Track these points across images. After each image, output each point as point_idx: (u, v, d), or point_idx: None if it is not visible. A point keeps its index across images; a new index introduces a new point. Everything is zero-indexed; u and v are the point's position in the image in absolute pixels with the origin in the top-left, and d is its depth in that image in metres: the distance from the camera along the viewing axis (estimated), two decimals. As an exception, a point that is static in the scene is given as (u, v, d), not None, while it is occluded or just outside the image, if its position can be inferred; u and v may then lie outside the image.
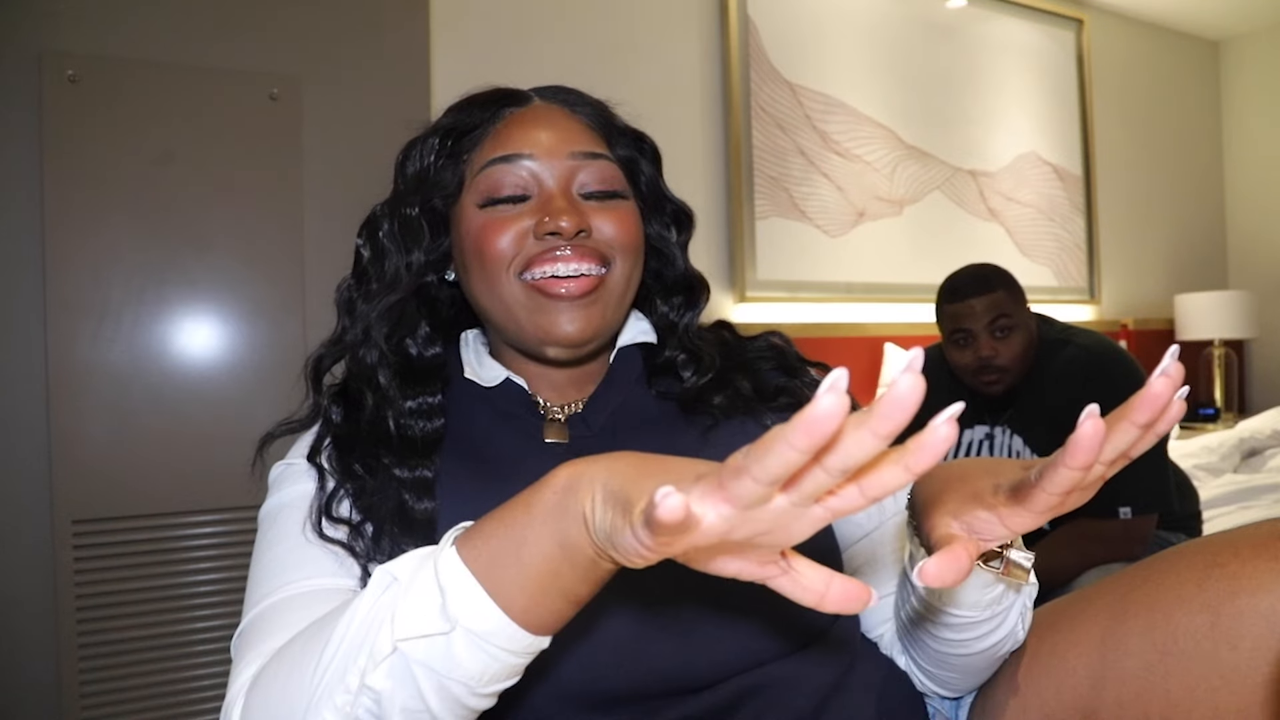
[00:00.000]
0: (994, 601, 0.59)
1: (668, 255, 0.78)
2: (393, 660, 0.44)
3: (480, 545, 0.44)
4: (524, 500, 0.45)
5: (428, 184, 0.70)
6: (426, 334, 0.72)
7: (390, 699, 0.44)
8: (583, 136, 0.71)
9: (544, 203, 0.67)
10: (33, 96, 1.40)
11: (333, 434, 0.67)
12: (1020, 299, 1.57)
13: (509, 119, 0.71)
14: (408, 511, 0.62)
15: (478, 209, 0.68)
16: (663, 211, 0.78)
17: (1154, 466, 1.48)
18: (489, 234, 0.67)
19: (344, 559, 0.61)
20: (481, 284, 0.68)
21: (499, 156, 0.68)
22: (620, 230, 0.69)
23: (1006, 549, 0.56)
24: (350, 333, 0.70)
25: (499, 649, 0.43)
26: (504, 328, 0.69)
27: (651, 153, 0.77)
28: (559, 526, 0.42)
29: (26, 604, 1.40)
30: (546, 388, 0.73)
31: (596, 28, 2.34)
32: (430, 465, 0.65)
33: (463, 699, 0.45)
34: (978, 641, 0.63)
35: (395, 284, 0.69)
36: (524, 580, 0.43)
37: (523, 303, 0.66)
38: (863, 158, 2.79)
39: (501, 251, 0.66)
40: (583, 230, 0.66)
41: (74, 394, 1.41)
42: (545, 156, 0.68)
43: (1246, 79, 3.91)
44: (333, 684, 0.45)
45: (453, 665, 0.43)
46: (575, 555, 0.42)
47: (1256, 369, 3.83)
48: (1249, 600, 0.56)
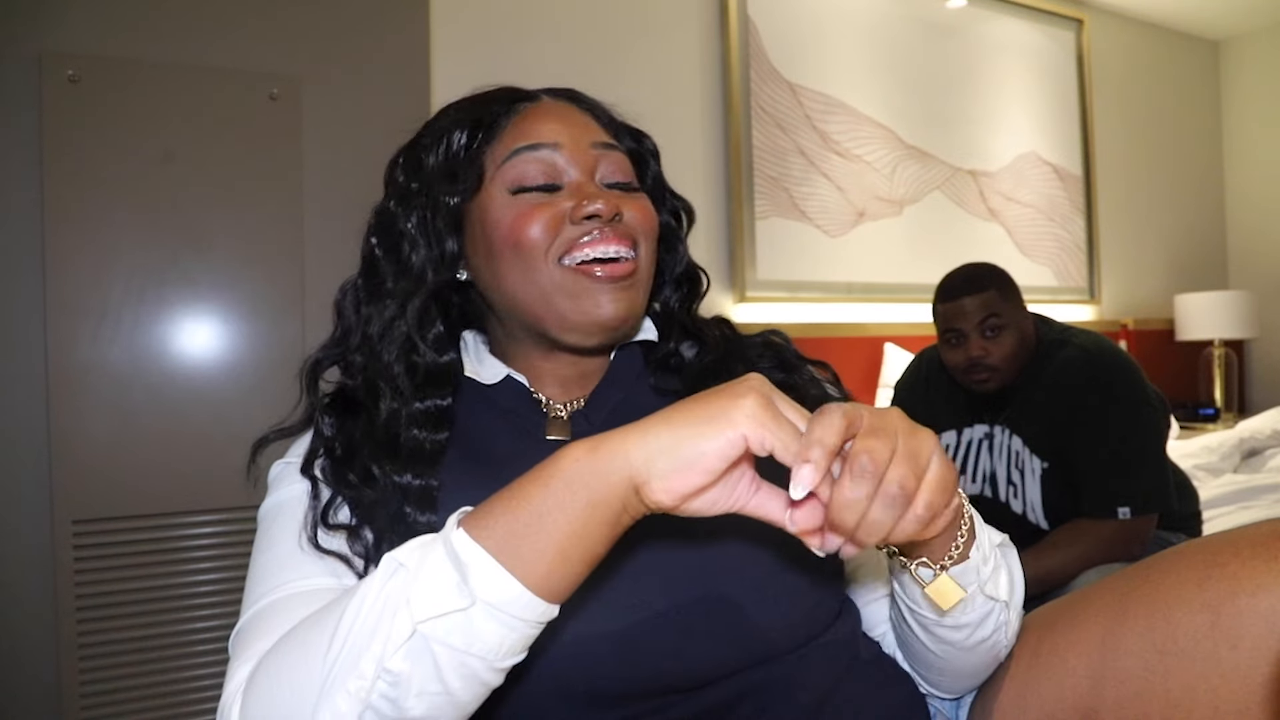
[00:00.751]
0: (958, 611, 0.60)
1: (674, 247, 0.79)
2: (412, 643, 0.45)
3: (490, 525, 0.47)
4: (537, 478, 0.48)
5: (457, 175, 0.69)
6: (439, 334, 0.71)
7: (408, 681, 0.45)
8: (596, 129, 0.72)
9: (576, 189, 0.68)
10: (33, 96, 1.40)
11: (325, 445, 0.66)
12: (1013, 298, 1.57)
13: (524, 112, 0.71)
14: (408, 519, 0.62)
15: (509, 195, 0.68)
16: (666, 205, 0.79)
17: (1154, 466, 1.48)
18: (524, 221, 0.66)
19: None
20: (516, 273, 0.67)
21: (525, 145, 0.68)
22: (643, 217, 0.70)
23: (944, 569, 0.57)
24: (358, 334, 0.69)
25: (516, 619, 0.46)
26: (541, 317, 0.68)
27: (653, 150, 0.79)
28: (588, 486, 0.46)
29: (26, 604, 1.40)
30: (551, 384, 0.73)
31: (596, 28, 2.34)
32: (434, 474, 0.64)
33: (480, 674, 0.46)
34: (953, 644, 0.63)
35: (422, 279, 0.68)
36: (545, 547, 0.46)
37: (565, 287, 0.66)
38: (863, 158, 2.79)
39: (538, 238, 0.66)
40: (617, 215, 0.67)
41: (74, 394, 1.41)
42: (569, 146, 0.69)
43: (1246, 79, 3.91)
44: (345, 670, 0.45)
45: (473, 640, 0.45)
46: (604, 511, 0.47)
47: (1256, 369, 3.83)
48: (1249, 600, 0.56)
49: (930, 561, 0.57)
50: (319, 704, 0.46)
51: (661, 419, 0.47)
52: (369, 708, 0.45)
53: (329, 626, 0.48)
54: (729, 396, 0.46)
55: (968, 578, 0.58)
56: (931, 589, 0.57)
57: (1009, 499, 1.59)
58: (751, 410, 0.46)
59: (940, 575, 0.57)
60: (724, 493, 0.49)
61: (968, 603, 0.59)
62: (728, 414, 0.46)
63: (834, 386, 0.78)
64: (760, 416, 0.46)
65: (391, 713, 0.46)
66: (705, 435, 0.46)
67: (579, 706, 0.59)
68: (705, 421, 0.46)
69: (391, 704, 0.45)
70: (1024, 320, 1.58)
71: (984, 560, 0.59)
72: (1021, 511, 1.57)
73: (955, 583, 0.57)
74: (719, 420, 0.46)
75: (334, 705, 0.45)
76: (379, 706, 0.45)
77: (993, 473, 1.62)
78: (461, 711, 0.48)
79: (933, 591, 0.57)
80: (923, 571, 0.58)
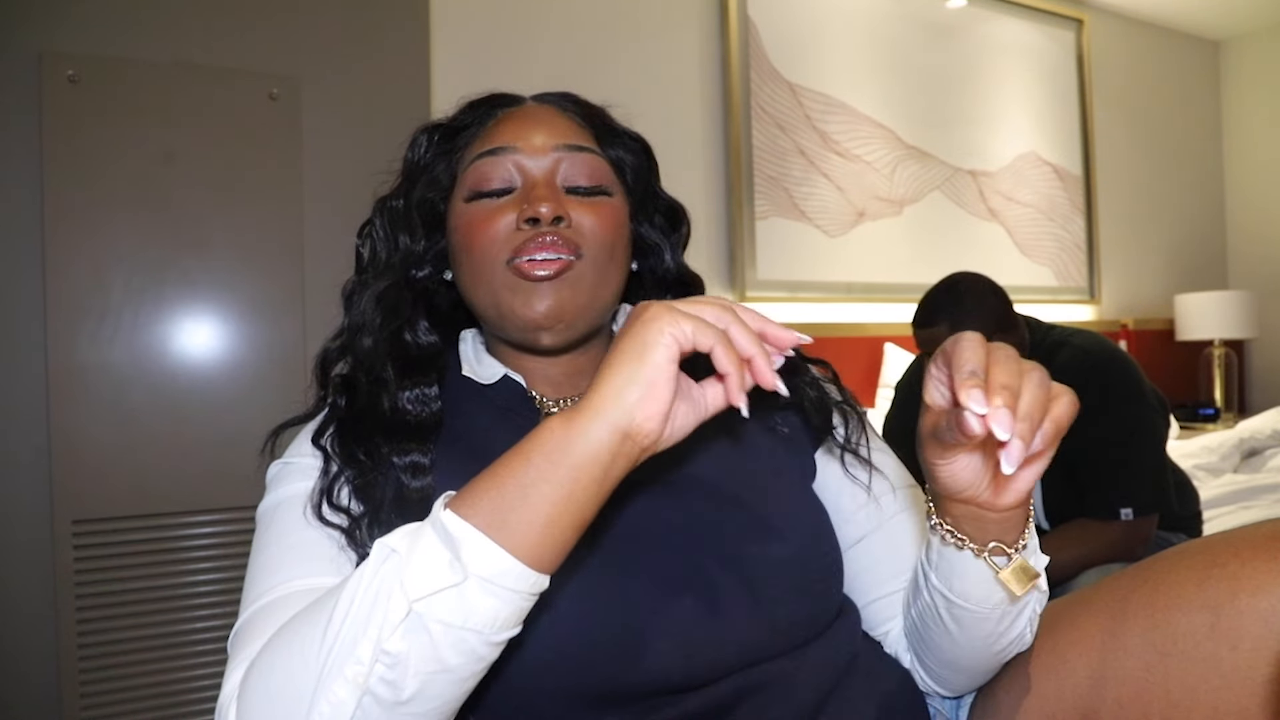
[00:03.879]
0: (1003, 600, 0.60)
1: (659, 253, 0.79)
2: (408, 622, 0.45)
3: (476, 502, 0.48)
4: (519, 453, 0.49)
5: (418, 178, 0.73)
6: (424, 328, 0.73)
7: (406, 661, 0.45)
8: (569, 131, 0.72)
9: (525, 192, 0.68)
10: (33, 96, 1.40)
11: (337, 419, 0.68)
12: (975, 315, 1.51)
13: (500, 118, 0.73)
14: (405, 496, 0.63)
15: (465, 203, 0.70)
16: (654, 209, 0.79)
17: (1155, 467, 1.48)
18: (476, 227, 0.68)
19: (341, 553, 0.61)
20: (471, 276, 0.70)
21: (485, 150, 0.70)
22: (598, 224, 0.69)
23: (1019, 551, 0.57)
24: (349, 323, 0.72)
25: (509, 590, 0.47)
26: (493, 318, 0.70)
27: (645, 154, 0.78)
28: (567, 453, 0.48)
29: (26, 604, 1.40)
30: (542, 382, 0.74)
31: (596, 28, 2.34)
32: (426, 451, 0.66)
33: (477, 649, 0.47)
34: (985, 640, 0.63)
35: (387, 271, 0.72)
36: (533, 518, 0.47)
37: (507, 286, 0.67)
38: (863, 158, 2.79)
39: (487, 246, 0.68)
40: (560, 218, 0.67)
41: (74, 394, 1.41)
42: (530, 150, 0.69)
43: (1246, 79, 3.91)
44: (342, 657, 0.46)
45: (468, 614, 0.46)
46: (590, 472, 0.48)
47: (1256, 369, 3.83)
48: (1249, 600, 0.56)
49: (1006, 546, 0.57)
50: (316, 695, 0.46)
51: (606, 369, 0.50)
52: (368, 692, 0.45)
53: (323, 618, 0.48)
54: (639, 321, 0.50)
55: (1040, 560, 0.59)
56: (1008, 574, 0.56)
57: (1009, 499, 1.58)
58: (662, 316, 0.49)
59: (1015, 559, 0.57)
60: (689, 406, 0.52)
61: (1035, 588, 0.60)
62: (647, 329, 0.49)
63: (834, 386, 0.78)
64: (670, 316, 0.49)
65: (390, 695, 0.46)
66: (646, 355, 0.48)
67: (578, 707, 0.59)
68: (639, 346, 0.49)
69: (390, 686, 0.46)
70: (1010, 329, 1.55)
71: (1035, 549, 0.60)
72: (1022, 511, 1.56)
73: (1029, 565, 0.57)
74: (646, 337, 0.49)
75: (332, 694, 0.45)
76: (377, 690, 0.46)
77: (993, 473, 1.61)
78: (459, 688, 0.48)
79: (1010, 576, 0.56)
80: (996, 559, 0.57)
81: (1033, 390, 0.47)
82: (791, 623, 0.64)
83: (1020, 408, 0.46)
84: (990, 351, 0.49)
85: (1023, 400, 0.47)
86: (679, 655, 0.60)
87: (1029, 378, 0.48)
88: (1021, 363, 0.49)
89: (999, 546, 0.57)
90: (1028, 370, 0.49)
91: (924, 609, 0.65)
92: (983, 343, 0.50)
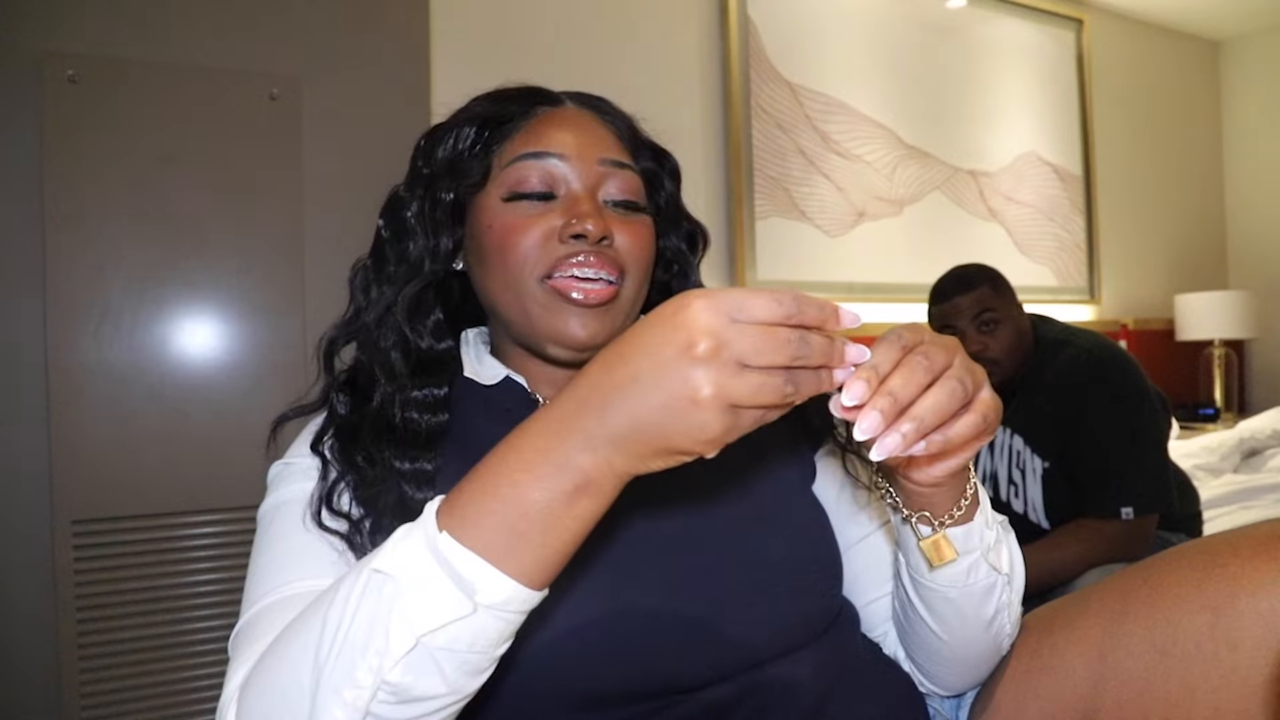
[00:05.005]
0: (958, 575, 0.61)
1: (682, 269, 0.79)
2: (414, 655, 0.45)
3: (474, 527, 0.45)
4: (511, 475, 0.46)
5: (460, 171, 0.70)
6: (437, 323, 0.72)
7: (411, 689, 0.45)
8: (611, 144, 0.71)
9: (570, 204, 0.67)
10: (33, 96, 1.40)
11: (337, 424, 0.67)
12: (1005, 294, 1.59)
13: (541, 117, 0.71)
14: (408, 503, 0.62)
15: (502, 202, 0.68)
16: (679, 228, 0.79)
17: (1156, 466, 1.48)
18: (514, 233, 0.66)
19: (341, 556, 0.61)
20: (499, 280, 0.68)
21: (530, 152, 0.68)
22: (636, 245, 0.69)
23: (941, 527, 0.59)
24: (366, 315, 0.70)
25: (515, 613, 0.47)
26: (514, 323, 0.69)
27: (672, 171, 0.78)
28: (564, 470, 0.45)
29: (26, 604, 1.40)
30: (547, 386, 0.73)
31: (597, 28, 2.34)
32: (431, 458, 0.65)
33: (481, 666, 0.47)
34: (958, 624, 0.63)
35: (419, 269, 0.69)
36: (538, 545, 0.45)
37: (541, 302, 0.66)
38: (863, 158, 2.79)
39: (525, 254, 0.66)
40: (605, 238, 0.66)
41: (74, 394, 1.41)
42: (575, 159, 0.68)
43: (1246, 79, 3.91)
44: (338, 681, 0.45)
45: (475, 640, 0.45)
46: (592, 492, 0.45)
47: (1256, 369, 3.83)
48: (1249, 600, 0.56)
49: (932, 518, 0.59)
50: (312, 716, 0.45)
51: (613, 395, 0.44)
52: (369, 715, 0.45)
53: (312, 635, 0.47)
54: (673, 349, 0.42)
55: (971, 541, 0.60)
56: (926, 544, 0.59)
57: (1010, 499, 1.59)
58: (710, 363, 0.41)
59: (939, 532, 0.59)
60: None
61: (972, 569, 0.60)
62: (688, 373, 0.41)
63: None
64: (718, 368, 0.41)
65: (393, 714, 0.46)
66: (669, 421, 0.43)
67: (577, 709, 0.59)
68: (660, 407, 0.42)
69: (394, 706, 0.45)
70: (1019, 315, 1.59)
71: (987, 525, 0.61)
72: (1023, 511, 1.57)
73: (949, 543, 0.59)
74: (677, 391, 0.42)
75: (330, 717, 0.45)
76: (380, 711, 0.45)
77: (994, 472, 1.62)
78: (461, 695, 0.48)
79: (927, 546, 0.59)
80: (922, 528, 0.60)
81: (936, 397, 0.48)
82: (791, 624, 0.64)
83: (915, 409, 0.47)
84: (909, 358, 0.48)
85: (921, 402, 0.47)
86: (679, 657, 0.60)
87: (941, 385, 0.48)
88: (940, 372, 0.48)
89: (925, 517, 0.59)
90: (943, 380, 0.48)
91: (902, 595, 0.67)
92: (911, 346, 0.49)
